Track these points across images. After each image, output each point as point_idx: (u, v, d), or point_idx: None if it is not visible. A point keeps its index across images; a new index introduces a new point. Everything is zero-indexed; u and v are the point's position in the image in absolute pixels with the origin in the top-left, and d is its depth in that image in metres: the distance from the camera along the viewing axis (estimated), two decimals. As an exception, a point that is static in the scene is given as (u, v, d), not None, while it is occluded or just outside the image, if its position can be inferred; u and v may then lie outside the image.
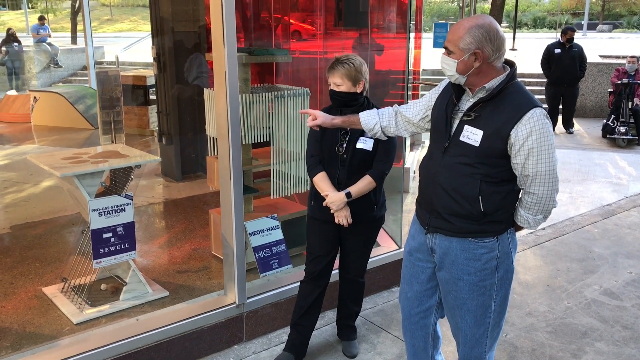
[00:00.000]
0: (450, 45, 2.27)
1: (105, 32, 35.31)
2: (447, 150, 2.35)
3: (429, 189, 2.43)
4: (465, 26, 2.24)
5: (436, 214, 2.41)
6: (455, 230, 2.37)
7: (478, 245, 2.36)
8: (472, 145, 2.27)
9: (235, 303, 3.37)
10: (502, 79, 2.29)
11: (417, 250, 2.57)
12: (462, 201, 2.31)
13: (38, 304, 3.67)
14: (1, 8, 43.79)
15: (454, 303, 2.49)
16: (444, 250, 2.43)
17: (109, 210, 3.45)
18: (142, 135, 8.89)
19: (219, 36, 3.01)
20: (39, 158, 3.64)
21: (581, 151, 8.78)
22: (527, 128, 2.19)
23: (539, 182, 2.26)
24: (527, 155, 2.21)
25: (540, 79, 13.09)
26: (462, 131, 2.31)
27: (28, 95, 9.94)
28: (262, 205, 4.37)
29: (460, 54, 2.24)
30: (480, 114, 2.28)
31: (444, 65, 2.31)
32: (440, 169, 2.36)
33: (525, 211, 2.35)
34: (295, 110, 3.97)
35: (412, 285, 2.61)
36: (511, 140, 2.22)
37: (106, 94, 6.10)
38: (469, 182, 2.29)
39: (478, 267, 2.38)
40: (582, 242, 5.12)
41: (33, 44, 14.93)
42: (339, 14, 5.67)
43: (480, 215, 2.31)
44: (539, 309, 3.93)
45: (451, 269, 2.43)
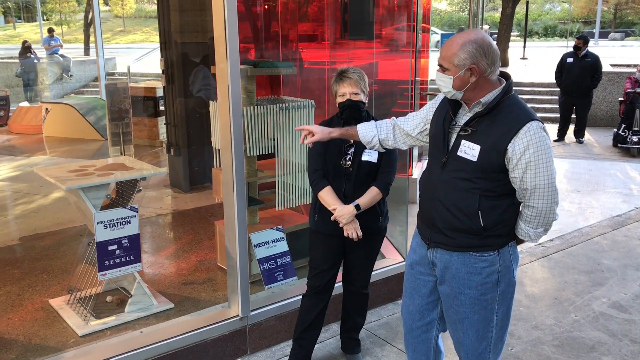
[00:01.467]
0: (444, 63, 2.26)
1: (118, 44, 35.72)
2: (445, 166, 2.34)
3: (429, 204, 2.42)
4: (458, 42, 2.23)
5: (436, 228, 2.40)
6: (455, 245, 2.36)
7: (479, 259, 2.35)
8: (470, 160, 2.26)
9: (239, 316, 3.36)
10: (498, 92, 2.28)
11: (418, 263, 2.56)
12: (462, 216, 2.30)
13: (44, 315, 3.69)
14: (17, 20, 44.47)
15: (456, 317, 2.47)
16: (445, 264, 2.42)
17: (114, 223, 3.47)
18: (152, 146, 8.95)
19: (221, 49, 3.03)
20: (46, 171, 3.68)
21: (591, 161, 8.71)
22: (524, 142, 2.18)
23: (538, 196, 2.24)
24: (525, 169, 2.20)
25: (550, 88, 13.05)
26: (459, 146, 2.30)
27: (40, 107, 10.06)
28: (268, 216, 4.38)
29: (456, 70, 2.24)
30: (477, 128, 2.27)
31: (440, 83, 2.30)
32: (439, 184, 2.36)
33: (526, 224, 2.33)
34: (301, 122, 3.98)
35: (414, 298, 2.60)
36: (508, 155, 2.21)
37: (115, 106, 6.16)
38: (468, 197, 2.28)
39: (479, 281, 2.36)
40: (590, 253, 5.07)
41: (46, 56, 15.14)
42: (344, 25, 5.69)
43: (480, 229, 2.30)
44: (546, 322, 3.89)
45: (452, 283, 2.41)
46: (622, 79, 11.45)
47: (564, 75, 9.79)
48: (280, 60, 5.74)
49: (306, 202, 4.11)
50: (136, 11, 43.76)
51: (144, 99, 9.09)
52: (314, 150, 3.05)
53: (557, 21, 38.63)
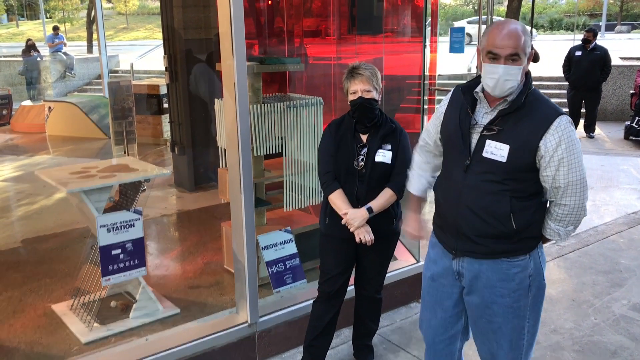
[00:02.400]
0: (520, 52, 2.08)
1: (121, 41, 35.63)
2: (469, 169, 2.20)
3: (452, 211, 2.27)
4: (518, 29, 2.09)
5: (463, 237, 2.26)
6: (486, 252, 2.23)
7: (511, 265, 2.22)
8: (499, 161, 2.13)
9: (247, 322, 3.25)
10: (521, 88, 2.16)
11: (440, 275, 2.41)
12: (493, 221, 2.17)
13: (47, 322, 3.58)
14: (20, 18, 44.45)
15: (488, 327, 2.33)
16: (474, 273, 2.28)
17: (117, 226, 3.35)
18: (156, 144, 8.84)
19: (227, 46, 2.90)
20: (47, 173, 3.56)
21: (603, 156, 8.55)
22: (556, 138, 2.08)
23: (570, 193, 2.14)
24: (558, 166, 2.10)
25: (558, 82, 12.86)
26: (484, 147, 2.16)
27: (43, 106, 9.96)
28: (276, 217, 4.26)
29: (524, 59, 2.10)
30: (502, 127, 2.14)
31: (507, 77, 2.09)
32: (465, 188, 2.21)
33: (556, 224, 2.22)
34: (309, 120, 3.85)
35: (436, 312, 2.46)
36: (540, 152, 2.10)
37: (118, 104, 6.04)
38: (499, 200, 2.15)
39: (512, 287, 2.24)
40: (607, 253, 4.93)
41: (49, 54, 15.04)
42: (352, 20, 5.56)
43: (512, 233, 2.17)
44: (565, 325, 3.75)
45: (483, 292, 2.28)
46: (632, 72, 11.26)
47: (573, 69, 9.61)
48: (286, 57, 5.61)
49: (315, 202, 3.99)
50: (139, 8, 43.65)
51: (147, 97, 8.97)
52: (325, 151, 2.91)
53: (563, 14, 38.28)
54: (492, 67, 2.11)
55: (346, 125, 2.91)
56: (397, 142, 2.88)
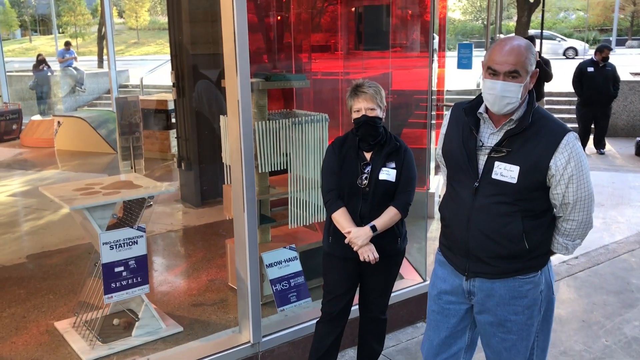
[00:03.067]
0: (519, 68, 2.06)
1: (132, 55, 35.99)
2: (478, 191, 2.17)
3: (462, 234, 2.23)
4: (522, 45, 2.08)
5: (475, 258, 2.23)
6: (499, 273, 2.21)
7: (524, 282, 2.21)
8: (509, 183, 2.11)
9: (250, 342, 3.20)
10: (525, 107, 2.15)
11: (448, 292, 2.37)
12: (505, 242, 2.15)
13: (49, 339, 3.55)
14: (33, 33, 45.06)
15: (501, 346, 2.30)
16: (487, 292, 2.25)
17: (120, 244, 3.33)
18: (164, 159, 8.85)
19: (231, 64, 2.89)
20: (51, 189, 3.55)
21: (614, 173, 8.45)
22: (565, 156, 2.08)
23: (579, 208, 2.15)
24: (568, 183, 2.10)
25: (568, 97, 12.78)
26: (492, 168, 2.13)
27: (52, 120, 10.02)
28: (281, 234, 4.22)
29: (525, 77, 2.08)
30: (511, 148, 2.11)
31: (506, 94, 2.07)
32: (475, 211, 2.18)
33: (564, 238, 2.23)
34: (314, 137, 3.83)
35: (440, 331, 2.42)
36: (551, 171, 2.10)
37: (125, 120, 6.05)
38: (511, 221, 2.13)
39: (525, 304, 2.22)
40: (618, 272, 4.84)
41: (59, 69, 15.18)
42: (358, 36, 5.55)
43: (525, 252, 2.16)
44: (575, 347, 3.67)
45: (496, 311, 2.25)
46: (643, 87, 11.19)
47: (586, 85, 9.50)
48: (293, 72, 5.61)
49: (320, 219, 3.95)
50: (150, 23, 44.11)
51: (155, 112, 9.00)
52: (329, 168, 2.88)
53: (573, 29, 38.25)
54: (491, 82, 2.10)
55: (350, 142, 2.88)
56: (401, 160, 2.84)
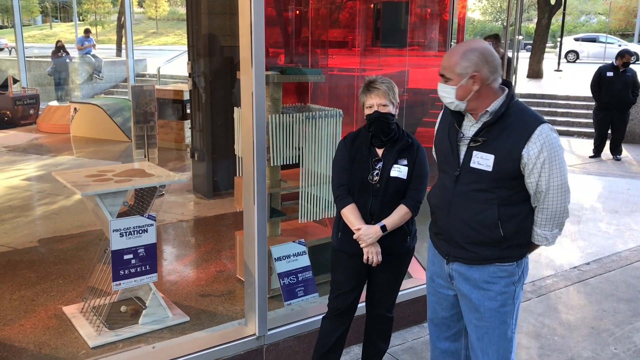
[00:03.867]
0: (446, 72, 2.26)
1: (151, 45, 36.15)
2: (458, 179, 2.32)
3: (444, 220, 2.39)
4: (459, 51, 2.24)
5: (455, 243, 2.37)
6: (476, 259, 2.33)
7: (498, 269, 2.32)
8: (485, 171, 2.24)
9: (256, 335, 3.20)
10: (503, 100, 2.26)
11: (438, 275, 2.53)
12: (482, 229, 2.27)
13: (57, 324, 3.58)
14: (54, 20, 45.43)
15: (475, 335, 2.40)
16: (463, 276, 2.38)
17: (130, 231, 3.34)
18: (178, 149, 8.89)
19: (247, 55, 2.88)
20: (63, 175, 3.58)
21: (630, 179, 8.35)
22: (538, 145, 2.18)
23: (552, 197, 2.23)
24: (540, 172, 2.20)
25: (586, 102, 12.65)
26: (471, 158, 2.27)
27: (68, 107, 10.09)
28: (290, 228, 4.22)
29: (458, 80, 2.24)
30: (487, 138, 2.25)
31: (442, 94, 2.30)
32: (455, 198, 2.33)
33: (541, 229, 2.31)
34: (328, 132, 3.81)
35: (437, 312, 2.59)
36: (524, 160, 2.20)
37: (140, 108, 6.08)
38: (487, 208, 2.26)
39: (498, 290, 2.32)
40: (630, 280, 4.78)
41: (78, 56, 15.29)
42: (376, 32, 5.52)
43: (500, 240, 2.27)
44: (583, 354, 3.63)
45: (471, 295, 2.36)
46: (663, 94, 11.02)
47: (604, 90, 9.39)
48: (310, 67, 5.59)
49: (330, 215, 3.94)
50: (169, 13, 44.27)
51: (171, 102, 9.03)
52: (340, 164, 2.86)
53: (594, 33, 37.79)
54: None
55: (362, 138, 2.86)
56: (413, 157, 2.82)
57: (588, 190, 7.70)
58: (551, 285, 4.64)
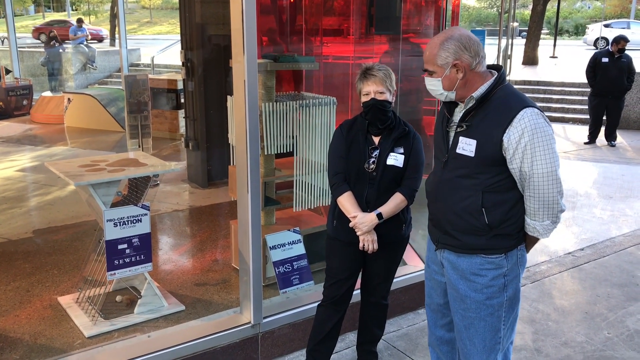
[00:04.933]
0: (429, 66, 2.26)
1: (145, 35, 35.90)
2: (446, 165, 2.31)
3: (434, 206, 2.40)
4: (436, 43, 2.22)
5: (443, 230, 2.36)
6: (462, 247, 2.30)
7: (485, 261, 2.29)
8: (468, 156, 2.22)
9: (251, 323, 3.20)
10: (490, 84, 2.23)
11: (432, 261, 2.54)
12: (466, 215, 2.25)
13: (52, 314, 3.58)
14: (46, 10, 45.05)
15: (462, 324, 2.39)
16: (452, 265, 2.37)
17: (124, 221, 3.33)
18: (173, 139, 8.86)
19: (238, 43, 2.86)
20: (56, 165, 3.56)
21: (624, 165, 8.37)
22: (519, 130, 2.12)
23: (537, 184, 2.14)
24: (522, 157, 2.13)
25: (581, 88, 12.65)
26: (457, 143, 2.26)
27: (62, 97, 10.04)
28: (285, 217, 4.22)
29: (441, 71, 2.23)
30: (471, 123, 2.23)
31: (430, 87, 2.30)
32: (441, 184, 2.33)
33: (531, 218, 2.24)
34: (322, 120, 3.80)
35: (432, 297, 2.60)
36: (504, 145, 2.15)
37: (134, 98, 6.05)
38: (471, 194, 2.23)
39: (484, 283, 2.29)
40: (624, 265, 4.80)
41: (71, 46, 15.18)
42: (370, 19, 5.49)
43: (485, 228, 2.23)
44: (576, 338, 3.66)
45: (458, 284, 2.35)
46: (658, 80, 11.03)
47: (599, 76, 9.38)
48: (304, 55, 5.57)
49: (325, 203, 3.94)
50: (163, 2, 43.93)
51: (165, 91, 8.99)
52: (336, 152, 2.86)
53: (589, 19, 37.72)
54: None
55: (358, 126, 2.85)
56: (409, 146, 2.82)
57: (583, 177, 7.72)
58: (545, 271, 4.66)
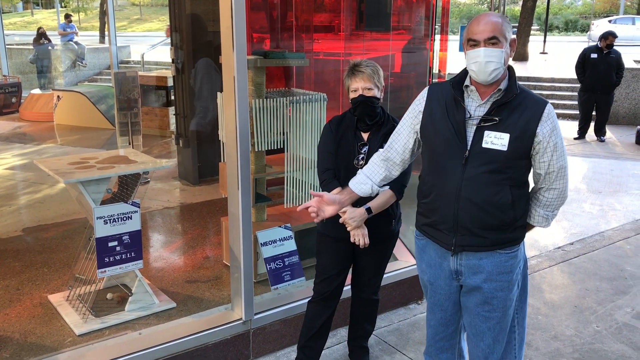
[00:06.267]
0: (497, 34, 2.11)
1: (135, 32, 35.68)
2: (468, 161, 2.19)
3: (451, 207, 2.23)
4: (497, 15, 2.18)
5: (463, 230, 2.23)
6: (487, 245, 2.24)
7: (508, 257, 2.27)
8: (500, 150, 2.15)
9: (242, 319, 3.21)
10: (509, 79, 2.23)
11: (437, 278, 2.40)
12: (495, 211, 2.19)
13: (42, 312, 3.57)
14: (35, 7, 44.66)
15: (486, 324, 2.32)
16: (474, 270, 2.28)
17: (114, 218, 3.32)
18: (163, 136, 8.83)
19: (228, 39, 2.86)
20: (45, 162, 3.54)
21: (613, 160, 8.44)
22: (549, 124, 2.17)
23: (561, 176, 2.23)
24: (553, 151, 2.19)
25: (570, 84, 12.72)
26: (482, 138, 2.17)
27: (51, 94, 9.97)
28: (276, 214, 4.22)
29: (504, 43, 2.14)
30: (500, 117, 2.17)
31: (491, 59, 2.11)
32: (465, 181, 2.19)
33: (545, 209, 2.30)
34: (312, 116, 3.80)
35: (435, 313, 2.49)
36: (538, 138, 2.17)
37: (124, 95, 6.02)
38: (500, 190, 2.18)
39: (509, 279, 2.28)
40: (613, 259, 4.85)
41: (60, 43, 15.07)
42: (360, 16, 5.49)
43: (511, 222, 2.22)
44: (566, 332, 3.69)
45: (483, 287, 2.28)
46: (646, 75, 11.13)
47: (588, 71, 9.45)
48: (294, 51, 5.56)
49: (316, 199, 3.94)
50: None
51: (155, 88, 8.95)
52: (325, 148, 2.86)
53: (579, 15, 37.88)
54: (473, 52, 2.14)
55: (347, 122, 2.86)
56: (398, 142, 2.82)
57: (572, 172, 7.77)
58: (535, 266, 4.69)
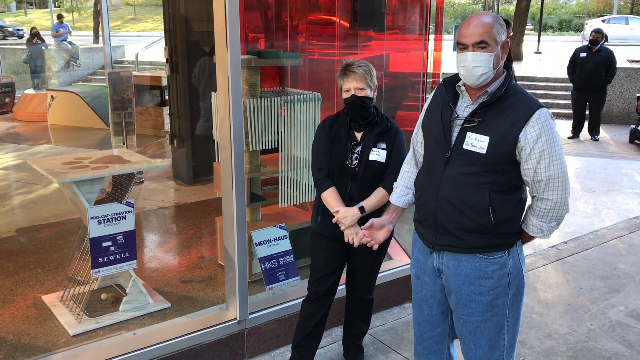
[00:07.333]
0: (486, 38, 2.08)
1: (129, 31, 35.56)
2: (449, 161, 2.19)
3: (431, 205, 2.25)
4: (489, 17, 2.13)
5: (441, 230, 2.24)
6: (464, 247, 2.20)
7: (489, 262, 2.21)
8: (479, 153, 2.12)
9: (237, 319, 3.20)
10: (502, 80, 2.17)
11: (423, 272, 2.40)
12: (472, 214, 2.15)
13: (36, 313, 3.56)
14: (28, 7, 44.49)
15: (466, 329, 2.31)
16: (453, 270, 2.26)
17: (108, 218, 3.32)
18: (157, 136, 8.81)
19: (221, 39, 2.85)
20: (39, 162, 3.53)
21: (607, 159, 8.47)
22: (536, 130, 2.07)
23: (552, 187, 2.12)
24: (539, 158, 2.09)
25: (564, 83, 12.77)
26: (464, 139, 2.16)
27: (45, 94, 9.94)
28: (271, 213, 4.22)
29: (494, 47, 2.09)
30: (483, 119, 2.13)
31: (477, 63, 2.09)
32: (444, 181, 2.19)
33: (538, 219, 2.19)
34: (306, 115, 3.80)
35: (422, 309, 2.46)
36: (520, 144, 2.09)
37: (118, 95, 6.01)
38: (478, 192, 2.14)
39: (490, 285, 2.22)
40: (606, 257, 4.87)
41: (54, 43, 15.03)
42: (354, 15, 5.50)
43: (490, 227, 2.15)
44: (560, 330, 3.70)
45: (461, 290, 2.26)
46: (639, 75, 11.17)
47: (577, 70, 9.49)
48: (289, 51, 5.56)
49: (311, 199, 3.95)
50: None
51: (149, 88, 8.94)
52: (319, 148, 2.86)
53: (573, 15, 38.00)
54: (461, 56, 2.12)
55: (340, 122, 2.86)
56: (392, 141, 2.83)
57: (566, 171, 7.79)
58: (530, 265, 4.71)
